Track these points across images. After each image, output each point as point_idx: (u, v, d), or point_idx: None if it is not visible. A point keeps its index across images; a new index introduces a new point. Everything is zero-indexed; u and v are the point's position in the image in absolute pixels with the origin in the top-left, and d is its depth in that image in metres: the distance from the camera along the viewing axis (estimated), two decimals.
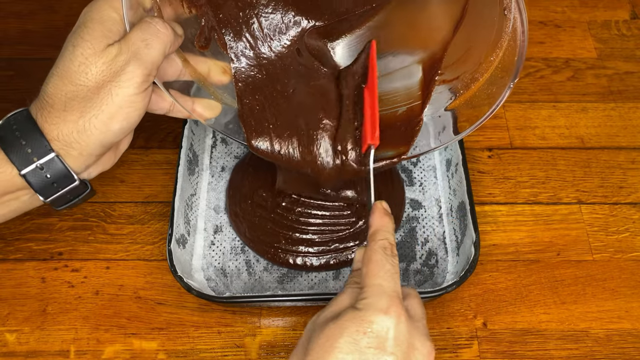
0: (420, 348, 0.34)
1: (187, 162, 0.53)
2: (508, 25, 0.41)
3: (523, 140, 0.60)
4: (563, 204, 0.56)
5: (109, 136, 0.37)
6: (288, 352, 0.48)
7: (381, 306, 0.33)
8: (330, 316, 0.34)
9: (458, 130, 0.45)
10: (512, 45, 0.41)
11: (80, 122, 0.36)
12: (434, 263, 0.53)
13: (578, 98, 0.62)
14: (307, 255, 0.52)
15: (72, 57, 0.36)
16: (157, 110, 0.43)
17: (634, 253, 0.53)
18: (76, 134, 0.36)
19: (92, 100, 0.36)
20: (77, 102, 0.36)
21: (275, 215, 0.53)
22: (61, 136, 0.37)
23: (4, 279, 0.51)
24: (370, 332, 0.32)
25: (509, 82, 0.41)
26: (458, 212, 0.52)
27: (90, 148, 0.37)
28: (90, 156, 0.38)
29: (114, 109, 0.36)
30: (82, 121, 0.36)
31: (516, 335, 0.49)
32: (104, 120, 0.37)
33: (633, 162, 0.58)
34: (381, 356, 0.32)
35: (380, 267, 0.36)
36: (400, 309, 0.34)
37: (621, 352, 0.48)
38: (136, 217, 0.55)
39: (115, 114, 0.37)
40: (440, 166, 0.57)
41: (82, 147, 0.37)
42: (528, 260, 0.53)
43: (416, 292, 0.39)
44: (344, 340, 0.32)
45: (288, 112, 0.44)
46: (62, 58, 0.37)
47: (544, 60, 0.65)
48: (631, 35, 0.67)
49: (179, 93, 0.42)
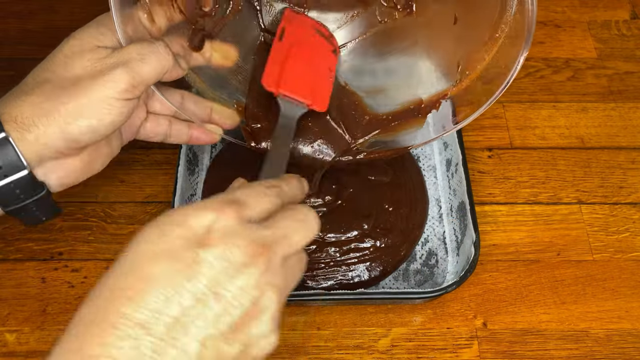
0: (243, 249, 0.28)
1: (187, 162, 0.53)
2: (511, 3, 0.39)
3: (523, 140, 0.60)
4: (563, 204, 0.56)
5: (73, 129, 0.34)
6: (288, 352, 0.48)
7: (208, 203, 0.29)
8: None
9: (457, 119, 0.44)
10: (518, 20, 0.39)
11: (46, 105, 0.34)
12: (434, 263, 0.53)
13: (578, 98, 0.62)
14: None
15: (59, 51, 0.36)
16: (153, 136, 0.42)
17: (634, 253, 0.53)
18: (37, 117, 0.34)
19: (66, 88, 0.34)
20: (49, 88, 0.34)
21: None
22: (20, 118, 0.34)
23: (4, 279, 0.51)
24: (186, 224, 0.28)
25: (519, 54, 0.38)
26: (458, 212, 0.52)
27: (49, 136, 0.34)
28: (47, 147, 0.34)
29: (87, 103, 0.34)
30: (48, 104, 0.34)
31: (516, 335, 0.49)
32: (71, 110, 0.34)
33: (633, 162, 0.58)
34: (193, 249, 0.28)
35: (248, 186, 0.32)
36: (234, 211, 0.29)
37: (621, 352, 0.48)
38: (136, 217, 0.55)
39: (86, 107, 0.34)
40: (440, 166, 0.57)
41: (40, 133, 0.34)
42: (528, 260, 0.53)
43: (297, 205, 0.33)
44: (150, 231, 0.28)
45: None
46: (51, 53, 0.36)
47: (544, 60, 0.65)
48: (631, 35, 0.67)
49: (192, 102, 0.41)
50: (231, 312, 0.28)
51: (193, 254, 0.27)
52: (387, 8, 0.47)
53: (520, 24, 0.37)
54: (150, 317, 0.26)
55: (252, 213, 0.30)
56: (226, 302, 0.27)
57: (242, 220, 0.29)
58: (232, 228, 0.29)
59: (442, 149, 0.57)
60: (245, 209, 0.30)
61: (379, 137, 0.46)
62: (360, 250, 0.52)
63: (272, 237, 0.30)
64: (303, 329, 0.49)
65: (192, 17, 0.40)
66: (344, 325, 0.50)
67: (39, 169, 0.36)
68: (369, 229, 0.52)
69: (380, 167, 0.55)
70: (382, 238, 0.52)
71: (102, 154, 0.39)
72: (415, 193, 0.55)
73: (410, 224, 0.53)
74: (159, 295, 0.26)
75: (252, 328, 0.28)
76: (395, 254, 0.52)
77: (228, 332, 0.28)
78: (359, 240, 0.52)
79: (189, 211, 0.29)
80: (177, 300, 0.27)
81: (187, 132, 0.43)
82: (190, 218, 0.29)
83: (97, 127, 0.35)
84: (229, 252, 0.28)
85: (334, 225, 0.52)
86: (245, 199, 0.30)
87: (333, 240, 0.52)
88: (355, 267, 0.51)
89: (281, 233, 0.30)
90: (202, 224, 0.28)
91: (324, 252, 0.51)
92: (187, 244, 0.28)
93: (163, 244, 0.28)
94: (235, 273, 0.28)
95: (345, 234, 0.52)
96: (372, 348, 0.49)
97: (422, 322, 0.50)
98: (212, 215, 0.29)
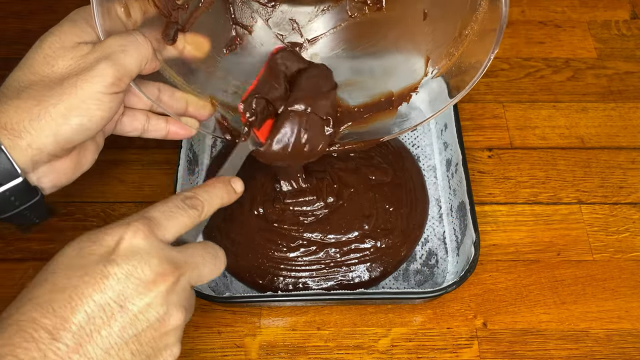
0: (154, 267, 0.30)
1: (187, 162, 0.53)
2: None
3: (523, 140, 0.60)
4: (563, 204, 0.56)
5: (65, 130, 0.34)
6: (288, 352, 0.48)
7: (124, 222, 0.31)
8: None
9: None
10: (489, 17, 0.40)
11: (36, 110, 0.33)
12: (434, 263, 0.52)
13: (578, 98, 0.62)
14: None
15: (38, 50, 0.35)
16: (130, 131, 0.42)
17: (634, 253, 0.53)
18: (28, 122, 0.33)
19: (52, 89, 0.34)
20: (35, 91, 0.34)
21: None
22: (10, 124, 0.33)
23: (4, 279, 0.51)
24: (100, 241, 0.31)
25: (490, 51, 0.39)
26: (458, 212, 0.52)
27: (42, 140, 0.34)
28: (40, 152, 0.34)
29: (76, 101, 0.34)
30: (38, 109, 0.33)
31: (516, 335, 0.49)
32: (62, 111, 0.34)
33: (633, 162, 0.58)
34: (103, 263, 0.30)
35: (161, 203, 0.34)
36: (146, 229, 0.31)
37: (621, 352, 0.48)
38: None
39: (76, 106, 0.34)
40: (440, 166, 0.57)
41: (33, 138, 0.34)
42: (528, 260, 0.53)
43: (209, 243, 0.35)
44: (70, 247, 0.31)
45: None
46: (28, 53, 0.36)
47: (544, 60, 0.65)
48: (631, 35, 0.67)
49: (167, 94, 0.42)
50: (136, 325, 0.30)
51: (102, 268, 0.30)
52: (358, 3, 0.48)
53: (492, 22, 0.38)
54: (56, 323, 0.28)
55: (165, 232, 0.32)
56: (132, 315, 0.30)
57: (153, 237, 0.31)
58: (143, 245, 0.31)
59: (442, 149, 0.57)
60: (157, 226, 0.32)
61: (351, 129, 0.47)
62: (361, 250, 0.52)
63: (184, 261, 0.32)
64: (303, 329, 0.49)
65: (166, 10, 0.41)
66: (344, 325, 0.50)
67: (32, 174, 0.36)
68: (370, 229, 0.52)
69: (381, 167, 0.55)
70: (383, 238, 0.52)
71: (90, 151, 0.39)
72: (415, 193, 0.55)
73: (411, 224, 0.53)
74: (65, 304, 0.29)
75: (156, 341, 0.31)
76: (395, 254, 0.52)
77: (132, 342, 0.30)
78: (360, 241, 0.52)
79: (105, 229, 0.31)
80: (82, 310, 0.29)
81: (165, 127, 0.43)
82: (105, 236, 0.31)
83: (88, 125, 0.35)
84: (140, 269, 0.30)
85: (335, 226, 0.52)
86: (158, 216, 0.33)
87: (333, 242, 0.52)
88: (355, 268, 0.51)
89: (192, 261, 0.33)
90: (115, 240, 0.31)
91: (324, 252, 0.51)
92: (99, 259, 0.30)
93: (78, 259, 0.30)
94: (143, 289, 0.30)
95: (346, 235, 0.52)
96: (372, 348, 0.49)
97: (422, 322, 0.50)
98: (125, 232, 0.31)
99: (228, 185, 0.37)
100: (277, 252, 0.51)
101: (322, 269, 0.51)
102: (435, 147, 0.58)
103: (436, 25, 0.44)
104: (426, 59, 0.45)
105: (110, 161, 0.57)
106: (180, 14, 0.42)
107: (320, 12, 0.48)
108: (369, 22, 0.48)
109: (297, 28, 0.49)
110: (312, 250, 0.51)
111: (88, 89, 0.34)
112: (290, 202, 0.52)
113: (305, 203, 0.52)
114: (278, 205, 0.52)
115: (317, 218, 0.52)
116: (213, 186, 0.37)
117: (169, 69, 0.42)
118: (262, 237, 0.52)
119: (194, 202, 0.35)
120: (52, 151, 0.35)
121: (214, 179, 0.38)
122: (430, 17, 0.44)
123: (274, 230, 0.52)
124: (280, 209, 0.52)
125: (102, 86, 0.34)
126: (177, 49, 0.42)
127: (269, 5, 0.48)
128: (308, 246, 0.51)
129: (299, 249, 0.51)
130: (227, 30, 0.47)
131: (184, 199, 0.34)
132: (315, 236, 0.52)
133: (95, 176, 0.56)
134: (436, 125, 0.59)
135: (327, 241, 0.52)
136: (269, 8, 0.48)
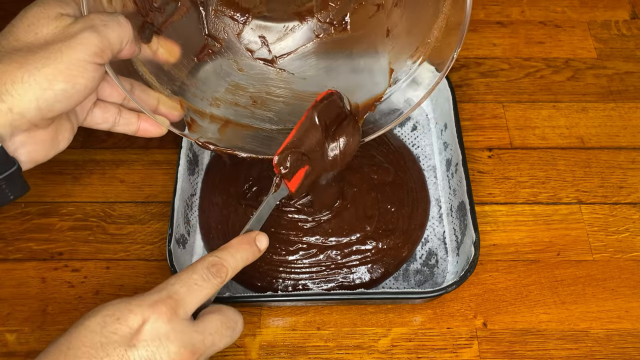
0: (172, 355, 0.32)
1: (187, 162, 0.53)
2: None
3: (523, 140, 0.60)
4: (563, 204, 0.56)
5: (48, 96, 0.34)
6: (288, 352, 0.48)
7: (149, 300, 0.32)
8: None
9: None
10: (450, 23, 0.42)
11: (19, 73, 0.33)
12: (434, 263, 0.53)
13: (578, 98, 0.62)
14: None
15: (22, 19, 0.35)
16: (101, 122, 0.42)
17: (634, 253, 0.53)
18: (11, 84, 0.33)
19: (37, 53, 0.34)
20: (19, 56, 0.34)
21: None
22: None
23: (4, 279, 0.51)
24: (124, 320, 0.31)
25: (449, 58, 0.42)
26: (458, 212, 0.52)
27: (24, 104, 0.33)
28: (21, 117, 0.34)
29: (61, 67, 0.34)
30: (22, 72, 0.33)
31: (516, 335, 0.49)
32: (47, 75, 0.34)
33: (633, 162, 0.58)
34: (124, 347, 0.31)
35: (188, 273, 0.35)
36: (170, 312, 0.32)
37: (621, 352, 0.49)
38: (136, 217, 0.55)
39: (61, 71, 0.34)
40: (440, 166, 0.57)
41: (14, 102, 0.33)
42: (528, 260, 0.53)
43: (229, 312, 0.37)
44: (93, 321, 0.31)
45: None
46: (11, 22, 0.36)
47: (544, 60, 0.65)
48: (631, 35, 0.67)
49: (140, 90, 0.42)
50: None
51: (124, 352, 0.31)
52: (324, 24, 0.50)
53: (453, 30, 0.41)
54: None
55: (187, 307, 0.34)
56: None
57: (176, 318, 0.32)
58: (164, 330, 0.32)
59: (442, 149, 0.57)
60: (180, 305, 0.33)
61: None
62: (362, 252, 0.51)
63: (202, 342, 0.34)
64: (303, 329, 0.50)
65: (144, 9, 0.42)
66: (344, 325, 0.50)
67: (10, 142, 0.35)
68: (372, 230, 0.52)
69: (382, 166, 0.55)
70: (385, 239, 0.52)
71: (66, 129, 0.39)
72: (417, 193, 0.55)
73: (413, 224, 0.53)
74: None
75: None
76: (397, 255, 0.52)
77: None
78: (361, 243, 0.52)
79: (130, 306, 0.32)
80: None
81: (136, 122, 0.43)
82: (130, 314, 0.32)
83: (72, 92, 0.35)
84: (158, 356, 0.31)
85: (337, 229, 0.52)
86: (184, 292, 0.34)
87: (334, 244, 0.52)
88: (356, 269, 0.51)
89: (210, 340, 0.34)
90: (138, 322, 0.32)
91: (325, 255, 0.51)
92: (121, 340, 0.31)
93: (100, 336, 0.31)
94: None
95: (348, 237, 0.52)
96: (372, 348, 0.49)
97: (422, 322, 0.50)
98: (150, 315, 0.32)
99: (254, 246, 0.38)
100: (276, 256, 0.51)
101: (322, 271, 0.51)
102: (435, 147, 0.58)
103: (399, 40, 0.46)
104: (390, 71, 0.47)
105: (111, 161, 0.57)
106: (157, 16, 0.43)
107: (289, 31, 0.51)
108: (335, 41, 0.50)
109: (266, 44, 0.50)
110: (313, 253, 0.51)
111: (73, 55, 0.34)
112: (286, 210, 0.52)
113: (304, 213, 0.52)
114: (275, 213, 0.52)
115: (319, 223, 0.52)
116: (239, 249, 0.38)
117: (143, 67, 0.43)
118: None
119: (219, 269, 0.36)
120: (32, 118, 0.34)
121: (241, 238, 0.39)
122: (393, 33, 0.47)
123: (272, 234, 0.51)
124: (276, 216, 0.52)
125: (86, 54, 0.34)
126: (151, 50, 0.43)
127: (240, 21, 0.49)
128: (308, 249, 0.51)
129: (298, 252, 0.51)
130: (199, 39, 0.48)
131: (210, 267, 0.35)
132: (316, 239, 0.52)
133: (95, 176, 0.57)
134: (436, 125, 0.59)
135: (328, 244, 0.52)
136: (240, 24, 0.50)
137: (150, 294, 0.33)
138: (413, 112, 0.60)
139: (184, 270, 0.36)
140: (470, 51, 0.65)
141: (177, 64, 0.46)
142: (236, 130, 0.48)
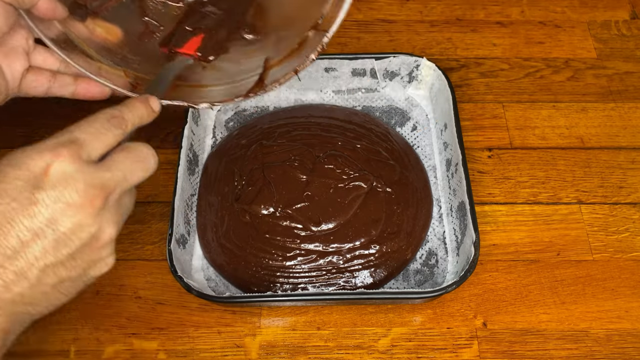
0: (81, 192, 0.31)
1: (187, 162, 0.53)
2: None
3: (523, 140, 0.60)
4: (563, 204, 0.56)
5: None
6: (288, 352, 0.48)
7: (49, 145, 0.31)
8: None
9: None
10: None
11: None
12: (434, 263, 0.53)
13: (578, 98, 0.62)
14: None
15: None
16: (36, 86, 0.41)
17: (634, 253, 0.53)
18: None
19: None
20: None
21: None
22: None
23: None
24: (24, 166, 0.30)
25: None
26: (458, 212, 0.52)
27: None
28: None
29: None
30: None
31: (516, 335, 0.49)
32: None
33: (633, 162, 0.58)
34: (30, 190, 0.30)
35: (88, 122, 0.33)
36: (73, 153, 0.31)
37: (621, 352, 0.49)
38: (136, 217, 0.54)
39: None
40: (440, 166, 0.57)
41: None
42: (528, 260, 0.53)
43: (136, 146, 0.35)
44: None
45: None
46: None
47: (543, 60, 0.65)
48: (631, 35, 0.67)
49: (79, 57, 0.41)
50: (69, 244, 0.31)
51: (30, 195, 0.30)
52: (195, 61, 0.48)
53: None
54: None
55: (91, 152, 0.33)
56: (64, 236, 0.31)
57: (80, 160, 0.31)
58: (70, 170, 0.31)
59: (442, 149, 0.57)
60: (83, 149, 0.32)
61: None
62: (365, 256, 0.51)
63: (111, 179, 0.33)
64: (303, 329, 0.50)
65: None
66: (344, 325, 0.50)
67: None
68: (377, 234, 0.51)
69: (388, 163, 0.55)
70: (389, 242, 0.51)
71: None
72: (420, 192, 0.55)
73: (417, 225, 0.53)
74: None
75: (91, 256, 0.32)
76: (400, 258, 0.51)
77: (67, 260, 0.31)
78: (365, 247, 0.51)
79: (27, 153, 0.31)
80: (15, 234, 0.30)
81: (73, 84, 0.42)
82: (28, 160, 0.31)
83: None
84: (67, 195, 0.30)
85: (340, 236, 0.51)
86: (84, 137, 0.32)
87: (335, 250, 0.51)
88: (359, 274, 0.51)
89: (120, 175, 0.33)
90: (40, 165, 0.31)
91: (326, 260, 0.51)
92: (25, 185, 0.30)
93: (2, 184, 0.30)
94: (72, 213, 0.31)
95: (352, 242, 0.51)
96: (372, 348, 0.49)
97: (422, 322, 0.50)
98: (50, 157, 0.31)
99: (148, 106, 0.37)
100: (272, 261, 0.50)
101: (323, 275, 0.50)
102: (435, 147, 0.58)
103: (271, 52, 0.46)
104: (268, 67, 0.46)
105: None
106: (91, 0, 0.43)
107: None
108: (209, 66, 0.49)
109: None
110: (312, 258, 0.51)
111: None
112: (285, 214, 0.52)
113: (300, 222, 0.51)
114: (269, 214, 0.51)
115: (321, 232, 0.51)
116: (135, 105, 0.37)
117: (81, 42, 0.43)
118: (254, 246, 0.51)
119: (120, 121, 0.35)
120: None
121: (135, 97, 0.38)
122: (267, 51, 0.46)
123: (267, 240, 0.51)
124: (272, 222, 0.51)
125: None
126: (88, 29, 0.43)
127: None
128: (307, 255, 0.51)
129: (296, 257, 0.51)
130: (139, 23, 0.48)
131: (110, 119, 0.34)
132: (315, 246, 0.51)
133: None
134: (436, 125, 0.59)
135: (329, 250, 0.51)
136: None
137: (50, 140, 0.32)
138: (413, 112, 0.60)
139: (84, 119, 0.34)
140: (470, 51, 0.65)
141: (118, 43, 0.45)
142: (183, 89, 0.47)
